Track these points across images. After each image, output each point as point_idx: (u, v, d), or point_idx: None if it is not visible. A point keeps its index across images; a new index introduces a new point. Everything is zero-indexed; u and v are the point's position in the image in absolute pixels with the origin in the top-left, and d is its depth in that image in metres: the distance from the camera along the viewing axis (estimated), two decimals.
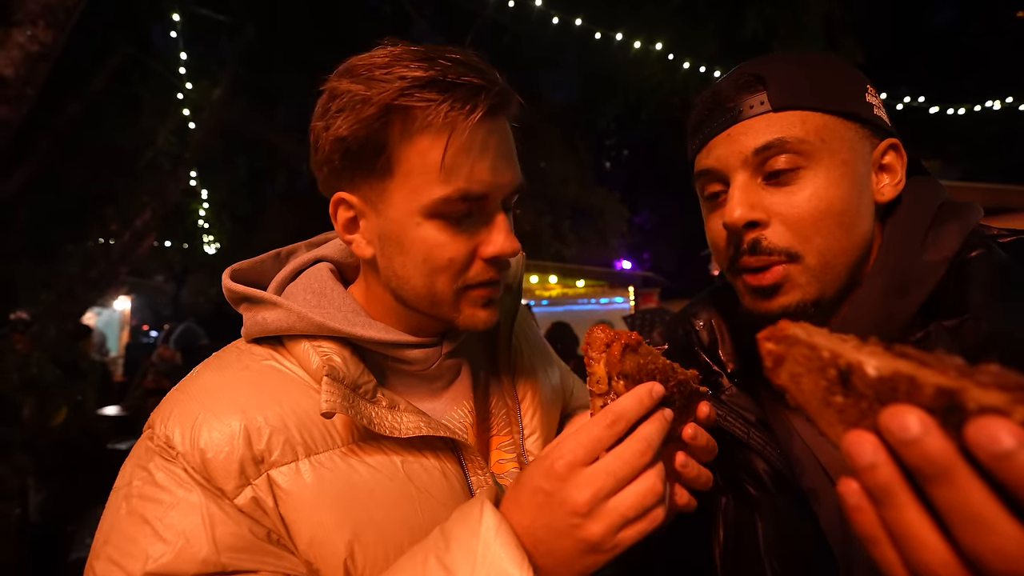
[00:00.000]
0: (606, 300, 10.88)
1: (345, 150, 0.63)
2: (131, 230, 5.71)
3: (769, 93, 0.67)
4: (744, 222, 0.66)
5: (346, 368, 0.66)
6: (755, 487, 0.75)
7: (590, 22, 5.85)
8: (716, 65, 6.24)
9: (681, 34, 6.18)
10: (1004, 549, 0.28)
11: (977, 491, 0.28)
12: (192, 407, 0.63)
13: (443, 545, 0.56)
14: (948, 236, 0.66)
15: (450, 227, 0.65)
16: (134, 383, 6.05)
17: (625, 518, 0.52)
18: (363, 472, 0.65)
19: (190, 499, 0.58)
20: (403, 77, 0.60)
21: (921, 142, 9.76)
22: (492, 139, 0.64)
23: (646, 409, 0.55)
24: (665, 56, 6.15)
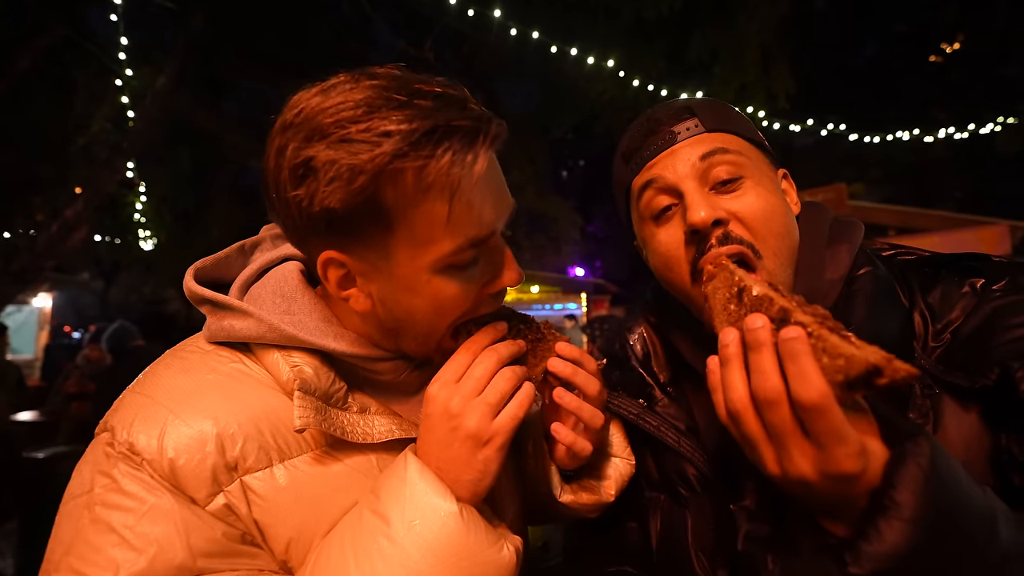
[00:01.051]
0: (560, 306, 11.10)
1: (333, 218, 0.57)
2: (59, 221, 5.31)
3: (700, 118, 0.78)
4: (713, 219, 0.71)
5: (317, 379, 0.65)
6: (685, 488, 0.83)
7: (547, 35, 6.03)
8: (664, 84, 6.59)
9: (632, 52, 6.48)
10: (767, 387, 0.52)
11: (769, 357, 0.52)
12: (157, 412, 0.60)
13: (374, 499, 0.61)
14: (841, 256, 0.77)
15: (460, 275, 0.63)
16: (54, 387, 5.59)
17: (491, 405, 0.62)
18: (338, 470, 0.66)
19: (161, 505, 0.56)
20: (387, 133, 0.54)
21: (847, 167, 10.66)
22: (491, 176, 0.61)
23: (496, 337, 0.68)
24: (617, 72, 6.44)
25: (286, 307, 0.69)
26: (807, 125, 7.65)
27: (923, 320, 0.71)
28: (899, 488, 0.48)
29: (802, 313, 0.53)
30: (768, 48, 6.27)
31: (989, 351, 0.63)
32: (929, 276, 0.74)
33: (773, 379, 0.51)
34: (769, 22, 6.07)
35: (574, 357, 0.73)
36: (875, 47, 12.87)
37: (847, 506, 0.52)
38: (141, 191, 8.00)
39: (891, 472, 0.49)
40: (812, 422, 0.49)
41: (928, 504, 0.47)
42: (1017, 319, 0.63)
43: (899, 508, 0.47)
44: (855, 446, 0.48)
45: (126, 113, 6.32)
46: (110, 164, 5.87)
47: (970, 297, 0.69)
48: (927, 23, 11.01)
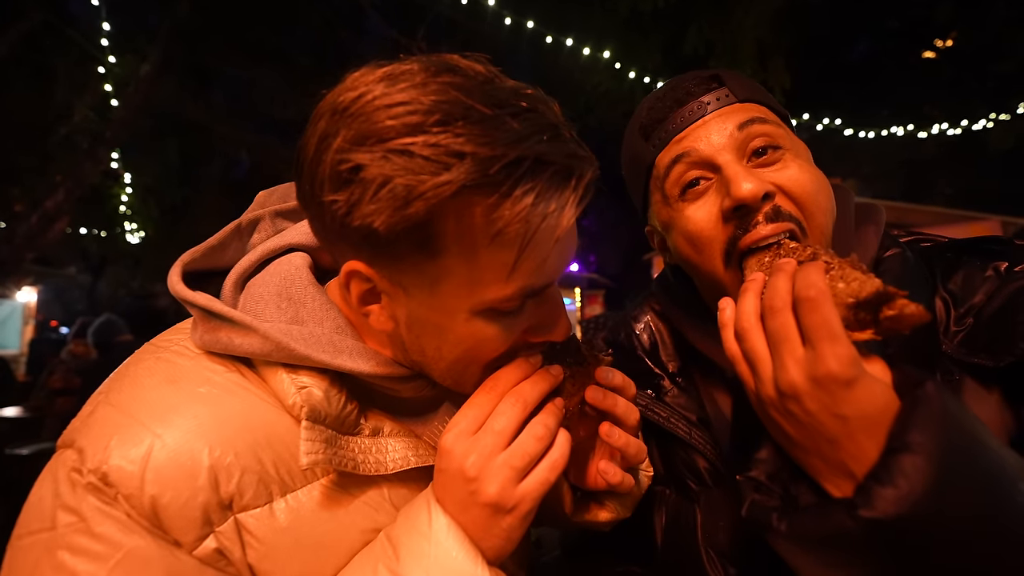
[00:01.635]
0: None
1: (372, 236, 0.47)
2: (39, 212, 5.18)
3: (730, 87, 0.73)
4: (763, 192, 0.65)
5: (327, 404, 0.57)
6: (695, 482, 0.80)
7: (542, 25, 5.96)
8: (660, 77, 6.55)
9: (628, 44, 6.43)
10: (774, 296, 0.54)
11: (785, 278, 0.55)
12: (137, 433, 0.50)
13: (391, 553, 0.52)
14: (869, 238, 0.76)
15: (502, 321, 0.55)
16: (39, 382, 5.48)
17: (516, 469, 0.52)
18: (347, 506, 0.58)
19: (138, 552, 0.47)
20: (460, 155, 0.43)
21: (840, 162, 10.68)
22: (565, 227, 0.50)
23: (525, 373, 0.57)
24: (612, 64, 6.38)
25: (293, 313, 0.60)
26: (802, 120, 7.66)
27: (945, 306, 0.69)
28: (911, 430, 0.46)
29: (830, 256, 0.57)
30: (764, 42, 6.25)
31: (1013, 328, 0.61)
32: (951, 262, 0.72)
33: (782, 291, 0.54)
34: (765, 16, 6.04)
35: (615, 385, 0.64)
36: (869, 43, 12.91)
37: (847, 443, 0.49)
38: (126, 183, 7.86)
39: (902, 416, 0.47)
40: (806, 318, 0.51)
41: (945, 443, 0.45)
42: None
43: (914, 446, 0.45)
44: (845, 347, 0.49)
45: (109, 102, 6.19)
46: (92, 154, 5.74)
47: (993, 280, 0.67)
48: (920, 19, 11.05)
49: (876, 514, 0.44)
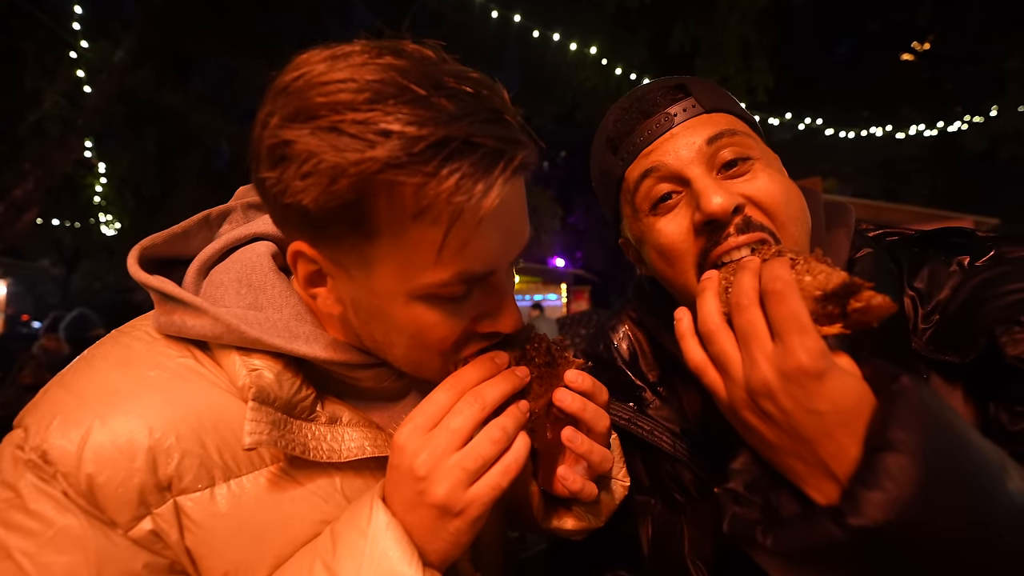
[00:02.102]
0: (540, 296, 11.10)
1: (306, 215, 0.48)
2: (7, 202, 5.00)
3: (696, 97, 0.71)
4: (733, 206, 0.65)
5: (278, 387, 0.56)
6: (682, 495, 0.79)
7: (529, 19, 5.93)
8: (646, 74, 6.57)
9: (615, 40, 6.44)
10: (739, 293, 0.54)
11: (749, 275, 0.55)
12: (81, 414, 0.51)
13: (330, 548, 0.52)
14: (840, 240, 0.75)
15: (444, 307, 0.54)
16: (9, 378, 5.30)
17: (468, 471, 0.51)
18: (294, 495, 0.57)
19: (71, 529, 0.48)
20: (387, 133, 0.43)
21: (821, 161, 10.87)
22: (506, 209, 0.50)
23: (489, 373, 0.55)
24: (599, 60, 6.38)
25: (252, 299, 0.60)
26: (785, 119, 7.76)
27: (912, 304, 0.69)
28: (892, 427, 0.44)
29: (795, 252, 0.57)
30: (748, 41, 6.31)
31: (976, 321, 0.61)
32: (917, 257, 0.72)
33: (748, 287, 0.53)
34: (749, 15, 6.10)
35: (585, 389, 0.62)
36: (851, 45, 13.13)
37: (825, 442, 0.48)
38: (101, 172, 7.62)
39: (881, 413, 0.46)
40: (773, 311, 0.50)
41: (927, 439, 0.43)
42: (1001, 288, 0.62)
43: (897, 444, 0.43)
44: (814, 339, 0.48)
45: (81, 88, 5.96)
46: (63, 142, 5.55)
47: (958, 275, 0.67)
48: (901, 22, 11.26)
49: (865, 522, 0.42)
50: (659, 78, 0.78)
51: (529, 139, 0.51)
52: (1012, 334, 0.57)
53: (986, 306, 0.62)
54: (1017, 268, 0.63)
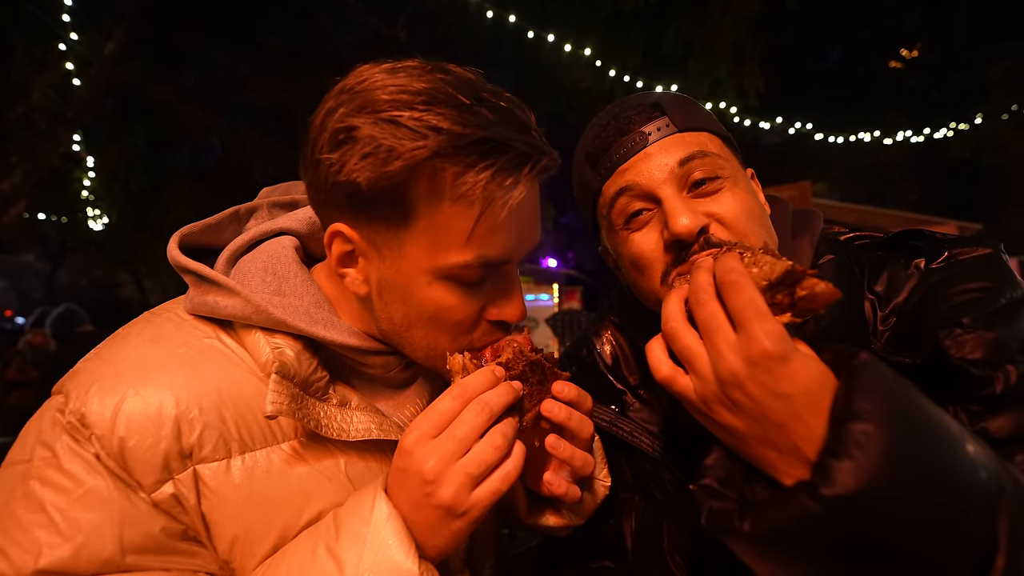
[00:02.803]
0: (532, 296, 11.13)
1: (356, 193, 0.56)
2: None
3: (671, 117, 0.74)
4: (698, 228, 0.68)
5: (298, 364, 0.62)
6: (661, 493, 0.83)
7: (524, 20, 5.95)
8: (639, 76, 6.61)
9: (609, 42, 6.48)
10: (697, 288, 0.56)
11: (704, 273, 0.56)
12: (116, 383, 0.56)
13: (333, 533, 0.56)
14: (804, 248, 0.78)
15: (462, 290, 0.61)
16: None
17: (472, 476, 0.54)
18: (301, 472, 0.61)
19: (99, 490, 0.53)
20: (437, 129, 0.52)
21: (811, 165, 11.02)
22: (526, 206, 0.59)
23: (492, 384, 0.59)
24: (593, 62, 6.42)
25: (276, 286, 0.66)
26: (775, 123, 7.85)
27: (872, 307, 0.72)
28: (855, 399, 0.46)
29: (743, 247, 0.60)
30: (740, 45, 6.38)
31: (925, 323, 0.64)
32: (879, 260, 0.75)
33: (705, 283, 0.55)
34: (742, 20, 6.17)
35: (571, 399, 0.68)
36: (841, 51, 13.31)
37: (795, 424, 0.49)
38: (89, 166, 7.51)
39: (843, 389, 0.48)
40: (731, 300, 0.52)
41: (890, 405, 0.45)
42: (951, 290, 0.65)
43: (862, 414, 0.45)
44: (773, 324, 0.50)
45: (71, 81, 5.88)
46: (52, 135, 5.47)
47: (915, 278, 0.70)
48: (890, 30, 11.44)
49: (838, 490, 0.43)
50: (637, 94, 0.81)
51: (551, 150, 0.60)
52: (954, 336, 0.60)
53: (934, 308, 0.64)
54: (965, 270, 0.66)
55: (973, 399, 0.58)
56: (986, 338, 0.58)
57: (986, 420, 0.57)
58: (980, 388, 0.57)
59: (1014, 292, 0.62)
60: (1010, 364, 0.57)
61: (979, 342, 0.58)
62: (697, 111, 0.78)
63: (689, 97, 0.81)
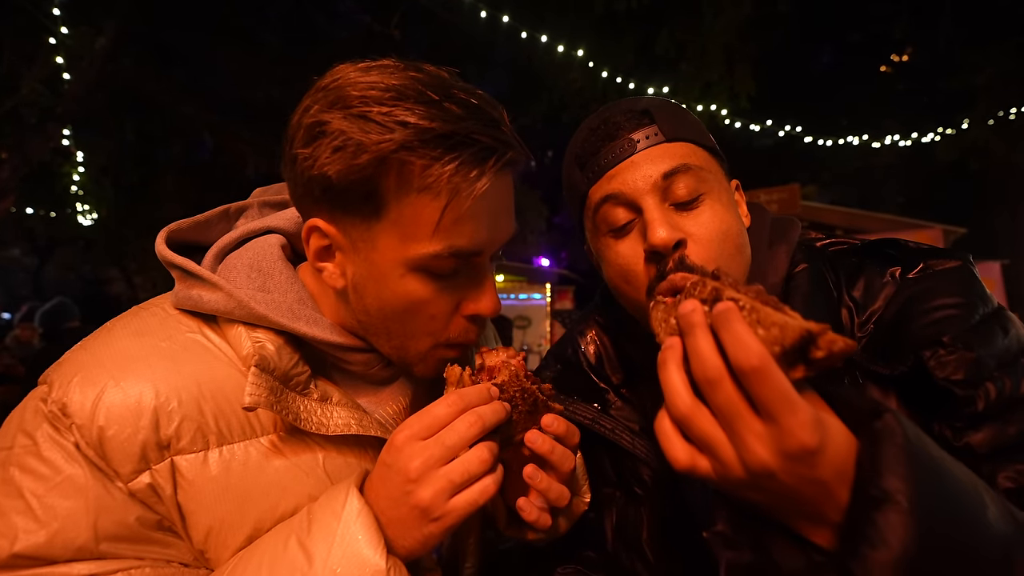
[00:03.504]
0: (524, 296, 11.15)
1: (329, 187, 0.57)
2: None
3: (659, 125, 0.74)
4: (674, 241, 0.69)
5: (278, 358, 0.62)
6: (640, 488, 0.85)
7: (517, 20, 5.97)
8: (631, 78, 6.66)
9: (602, 43, 6.52)
10: (705, 366, 0.47)
11: (704, 336, 0.48)
12: (98, 374, 0.57)
13: (305, 526, 0.56)
14: (780, 257, 0.78)
15: (435, 282, 0.62)
16: None
17: (453, 483, 0.55)
18: (278, 465, 0.62)
19: (75, 478, 0.54)
20: (405, 124, 0.54)
21: (801, 168, 11.14)
22: (494, 198, 0.60)
23: (485, 401, 0.61)
24: (586, 63, 6.46)
25: (261, 283, 0.67)
26: (766, 126, 7.93)
27: (849, 313, 0.73)
28: (884, 474, 0.42)
29: (735, 291, 0.50)
30: (732, 48, 6.44)
31: (905, 338, 0.65)
32: (855, 267, 0.76)
33: (710, 356, 0.47)
34: (734, 22, 6.22)
35: (558, 434, 0.67)
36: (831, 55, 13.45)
37: (825, 501, 0.46)
38: (79, 161, 7.44)
39: (868, 456, 0.44)
40: (756, 390, 0.44)
41: (919, 483, 0.42)
42: (928, 304, 0.65)
43: (892, 496, 0.42)
44: (807, 413, 0.44)
45: (61, 75, 5.82)
46: (41, 130, 5.41)
47: (890, 286, 0.71)
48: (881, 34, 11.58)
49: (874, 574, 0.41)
50: (629, 98, 0.81)
51: (520, 146, 0.62)
52: (938, 357, 0.61)
53: (912, 324, 0.65)
54: (939, 283, 0.67)
55: (957, 416, 0.60)
56: (967, 358, 0.60)
57: (968, 436, 0.59)
58: (963, 407, 0.59)
59: (986, 307, 0.64)
60: (989, 382, 0.59)
61: (961, 363, 0.60)
62: (686, 120, 0.78)
63: (679, 105, 0.81)
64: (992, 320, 0.64)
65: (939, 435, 0.61)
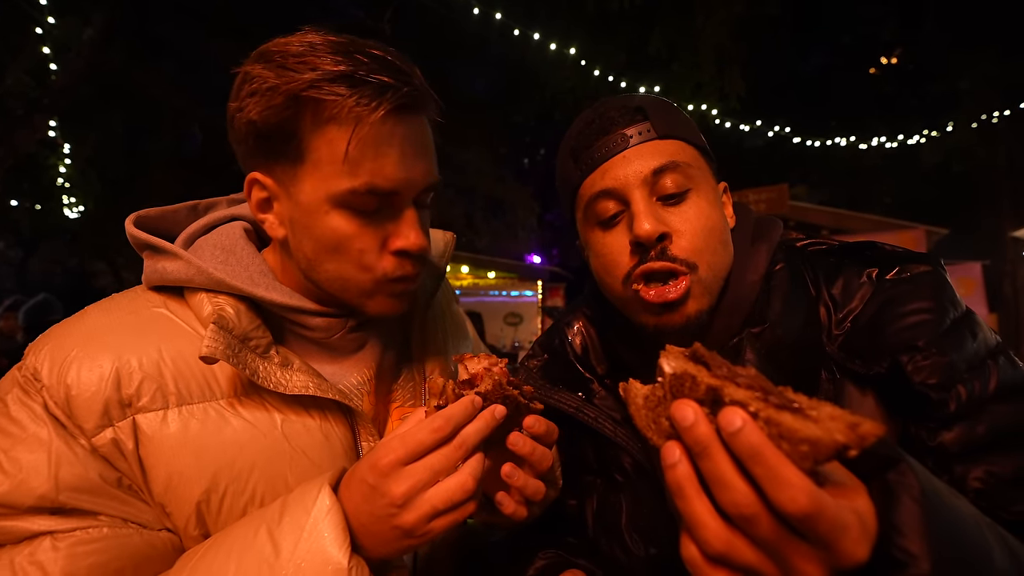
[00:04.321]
0: (516, 292, 11.18)
1: (256, 133, 0.64)
2: None
3: (652, 122, 0.77)
4: (657, 234, 0.72)
5: (238, 320, 0.66)
6: (621, 475, 0.87)
7: (510, 17, 5.98)
8: (623, 77, 6.70)
9: (594, 42, 6.54)
10: (736, 501, 0.41)
11: (723, 460, 0.42)
12: (67, 343, 0.63)
13: (276, 518, 0.58)
14: (760, 256, 0.80)
15: (359, 219, 0.66)
16: None
17: (436, 509, 0.58)
18: (236, 425, 0.65)
19: (39, 435, 0.59)
20: (315, 68, 0.61)
21: (791, 168, 11.25)
22: (401, 136, 0.65)
23: (471, 415, 0.63)
24: (578, 61, 6.48)
25: (224, 259, 0.72)
26: (755, 126, 8.00)
27: (827, 311, 0.75)
28: (906, 535, 0.41)
29: (736, 388, 0.43)
30: (723, 49, 6.49)
31: (881, 340, 0.67)
32: (833, 267, 0.79)
33: (741, 490, 0.41)
34: (726, 23, 6.27)
35: (538, 434, 0.70)
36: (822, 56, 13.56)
37: None
38: (65, 153, 7.33)
39: (888, 514, 0.42)
40: (808, 530, 0.40)
41: (939, 545, 0.41)
42: (905, 308, 0.68)
43: (916, 560, 0.40)
44: (857, 528, 0.40)
45: (47, 66, 5.73)
46: (28, 121, 5.33)
47: (867, 287, 0.73)
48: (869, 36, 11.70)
49: None
50: (624, 95, 0.84)
51: (428, 92, 0.68)
52: (915, 362, 0.63)
53: (888, 327, 0.67)
54: (916, 286, 0.69)
55: (931, 418, 0.63)
56: (940, 362, 0.63)
57: (941, 436, 0.62)
58: (937, 409, 0.62)
59: (956, 312, 0.67)
60: (960, 384, 0.62)
61: (935, 367, 0.63)
62: (679, 118, 0.80)
63: (672, 103, 0.83)
64: (962, 324, 0.66)
65: (915, 436, 0.64)
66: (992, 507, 0.55)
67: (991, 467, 0.60)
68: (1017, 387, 0.63)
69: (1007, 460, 0.59)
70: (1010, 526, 0.51)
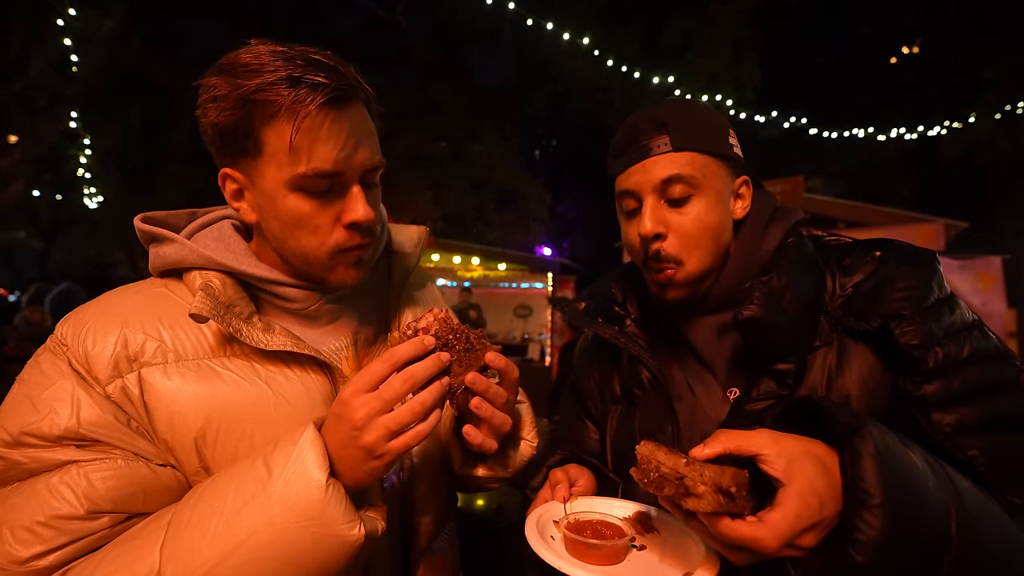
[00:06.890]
0: (526, 284, 11.20)
1: (220, 134, 0.76)
2: None
3: (671, 137, 0.90)
4: (653, 234, 0.90)
5: (223, 289, 0.79)
6: (639, 389, 1.03)
7: (523, 7, 5.95)
8: (637, 66, 6.65)
9: (608, 32, 6.49)
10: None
11: None
12: (85, 316, 0.78)
13: (271, 450, 0.70)
14: (775, 232, 0.95)
15: (313, 199, 0.77)
16: None
17: (390, 431, 0.68)
18: (225, 377, 0.78)
19: (65, 385, 0.73)
20: (259, 73, 0.73)
21: (807, 160, 11.09)
22: (339, 124, 0.75)
23: (419, 353, 0.73)
24: (591, 51, 6.44)
25: (215, 246, 0.85)
26: (771, 117, 7.89)
27: (832, 278, 0.89)
28: (867, 480, 0.56)
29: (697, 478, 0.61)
30: (739, 38, 6.41)
31: (875, 306, 0.81)
32: (845, 249, 0.92)
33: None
34: (740, 13, 6.19)
35: (499, 367, 0.81)
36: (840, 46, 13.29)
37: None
38: (86, 144, 7.48)
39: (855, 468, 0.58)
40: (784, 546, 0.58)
41: (889, 485, 0.56)
42: (897, 285, 0.81)
43: (872, 496, 0.56)
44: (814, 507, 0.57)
45: (69, 58, 5.85)
46: (51, 112, 5.45)
47: (871, 264, 0.86)
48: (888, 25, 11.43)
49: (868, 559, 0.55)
50: (656, 105, 0.96)
51: (360, 84, 0.79)
52: (901, 327, 0.78)
53: (883, 297, 0.82)
54: (912, 269, 0.83)
55: (915, 373, 0.77)
56: (922, 329, 0.77)
57: (922, 388, 0.76)
58: (919, 365, 0.76)
59: (940, 293, 0.81)
60: (938, 346, 0.76)
61: (917, 332, 0.77)
62: (697, 129, 0.92)
63: (697, 112, 0.94)
64: (943, 303, 0.80)
65: (903, 388, 0.78)
66: (953, 448, 0.72)
67: (960, 416, 0.73)
68: (987, 354, 0.77)
69: (972, 411, 0.73)
70: (963, 466, 0.68)
